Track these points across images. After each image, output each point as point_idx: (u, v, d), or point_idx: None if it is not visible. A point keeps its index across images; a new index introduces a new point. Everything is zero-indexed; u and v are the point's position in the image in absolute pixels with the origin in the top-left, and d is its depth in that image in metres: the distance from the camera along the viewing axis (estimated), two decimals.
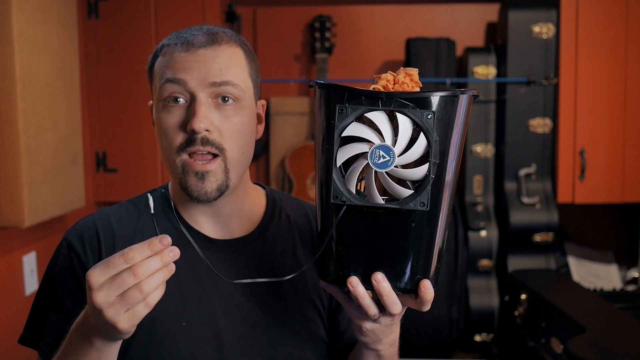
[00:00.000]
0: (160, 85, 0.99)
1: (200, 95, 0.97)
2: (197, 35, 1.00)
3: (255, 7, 3.13)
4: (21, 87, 1.97)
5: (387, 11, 3.14)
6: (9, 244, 2.10)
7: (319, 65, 3.01)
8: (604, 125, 2.68)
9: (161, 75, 1.00)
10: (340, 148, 0.83)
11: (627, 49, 2.65)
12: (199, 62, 0.98)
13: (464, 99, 0.85)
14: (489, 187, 2.88)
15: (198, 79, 0.97)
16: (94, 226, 1.05)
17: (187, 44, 0.99)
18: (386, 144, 0.81)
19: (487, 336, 2.79)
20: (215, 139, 0.97)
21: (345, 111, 0.82)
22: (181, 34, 1.02)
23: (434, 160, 0.81)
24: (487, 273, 2.81)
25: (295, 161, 3.04)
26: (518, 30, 2.72)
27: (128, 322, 0.79)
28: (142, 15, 2.64)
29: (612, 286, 2.74)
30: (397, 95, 0.81)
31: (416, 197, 0.81)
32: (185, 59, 0.98)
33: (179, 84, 0.97)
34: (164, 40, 1.04)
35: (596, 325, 1.97)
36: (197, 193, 0.98)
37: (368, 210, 0.83)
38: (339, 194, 0.83)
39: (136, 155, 2.67)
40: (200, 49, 0.98)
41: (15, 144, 1.96)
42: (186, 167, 0.98)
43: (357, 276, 0.86)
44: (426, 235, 0.86)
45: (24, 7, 1.99)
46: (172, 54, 1.00)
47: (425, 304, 0.88)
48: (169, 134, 0.98)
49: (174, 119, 0.98)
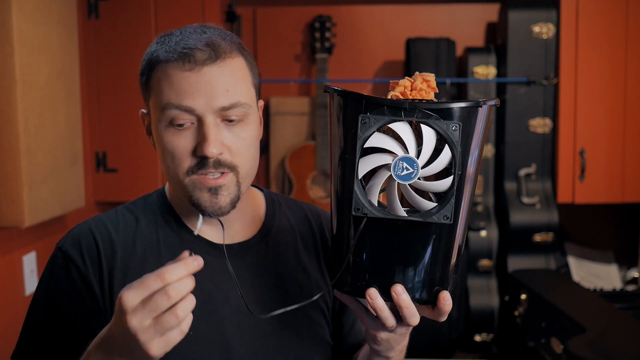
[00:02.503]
0: (162, 108, 0.94)
1: (208, 118, 0.93)
2: (196, 49, 0.93)
3: (255, 7, 3.13)
4: (21, 87, 1.97)
5: (387, 11, 3.14)
6: (9, 244, 2.11)
7: (319, 65, 3.01)
8: (604, 125, 2.68)
9: (162, 98, 0.94)
10: (362, 159, 0.80)
11: (627, 49, 2.65)
12: (204, 83, 0.92)
13: (485, 109, 0.83)
14: (489, 187, 2.88)
15: (206, 104, 0.92)
16: (91, 233, 1.01)
17: (188, 61, 0.92)
18: (410, 155, 0.79)
19: (487, 336, 2.79)
20: (227, 159, 0.95)
21: (368, 122, 0.79)
22: (179, 45, 0.94)
23: (458, 171, 0.80)
24: (487, 273, 2.81)
25: (295, 161, 3.04)
26: (518, 30, 2.72)
27: (161, 348, 0.76)
28: (142, 15, 2.64)
29: (612, 286, 2.74)
30: (420, 105, 0.79)
31: (440, 210, 0.80)
32: (189, 81, 0.92)
33: (185, 111, 0.92)
34: (158, 51, 0.96)
35: (596, 325, 1.97)
36: (211, 209, 0.95)
37: (388, 222, 0.82)
38: (360, 206, 0.81)
39: (136, 155, 2.67)
40: (204, 67, 0.92)
41: (15, 144, 1.96)
42: (197, 184, 0.94)
43: (375, 287, 0.85)
44: (445, 247, 0.84)
45: (24, 7, 1.99)
46: (172, 74, 0.93)
47: (443, 315, 0.87)
48: (176, 157, 0.94)
49: (182, 142, 0.94)
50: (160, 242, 1.02)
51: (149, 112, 1.01)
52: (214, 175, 0.94)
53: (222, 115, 0.94)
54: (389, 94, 0.88)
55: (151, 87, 0.97)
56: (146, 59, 0.99)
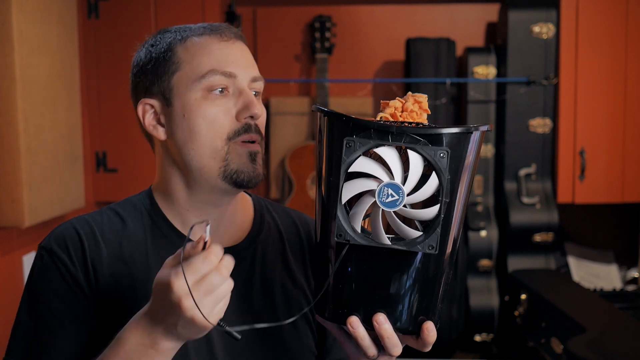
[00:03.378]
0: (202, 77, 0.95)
1: (247, 86, 0.98)
2: (224, 27, 1.00)
3: (255, 7, 3.13)
4: (21, 87, 1.97)
5: (387, 11, 3.14)
6: (9, 244, 2.11)
7: (319, 65, 3.01)
8: (604, 125, 2.68)
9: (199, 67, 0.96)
10: (346, 183, 0.78)
11: (627, 49, 2.65)
12: (239, 54, 0.98)
13: (477, 134, 0.79)
14: (489, 187, 2.88)
15: (245, 72, 0.97)
16: (75, 231, 0.98)
17: (223, 35, 0.98)
18: (395, 182, 0.76)
19: (487, 336, 2.79)
20: (261, 128, 0.99)
21: (353, 145, 0.77)
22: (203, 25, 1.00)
23: (445, 199, 0.77)
24: (487, 273, 2.81)
25: (295, 161, 3.04)
26: (518, 30, 2.72)
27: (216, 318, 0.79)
28: (142, 15, 2.64)
29: (612, 286, 2.74)
30: (408, 130, 0.77)
31: (425, 239, 0.77)
32: (227, 51, 0.97)
33: (229, 76, 0.96)
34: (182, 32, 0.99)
35: (596, 325, 1.97)
36: (251, 175, 0.96)
37: (371, 249, 0.79)
38: (343, 232, 0.78)
39: (136, 155, 2.67)
40: (237, 41, 0.99)
41: (15, 144, 1.96)
42: (239, 149, 0.95)
43: (357, 315, 0.82)
44: (431, 276, 0.82)
45: (24, 7, 1.99)
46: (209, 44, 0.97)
47: (427, 346, 0.85)
48: (219, 121, 0.95)
49: (224, 107, 0.96)
50: (148, 244, 1.00)
51: (163, 96, 0.98)
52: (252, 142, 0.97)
53: (252, 87, 0.99)
54: (379, 114, 0.85)
55: (179, 63, 0.97)
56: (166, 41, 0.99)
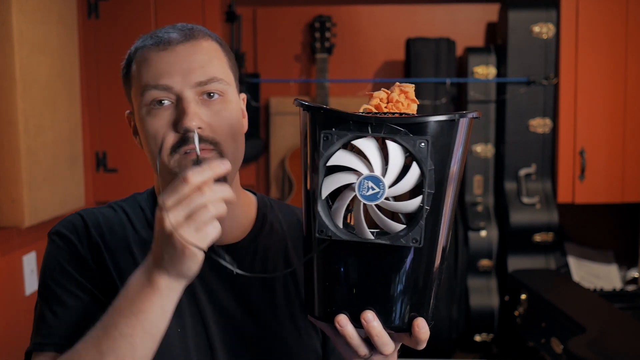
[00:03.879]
0: (142, 92, 0.95)
1: (186, 93, 0.94)
2: (171, 33, 0.97)
3: (255, 7, 3.13)
4: (21, 87, 1.97)
5: (387, 11, 3.14)
6: (9, 244, 2.11)
7: (319, 65, 3.01)
8: (604, 125, 2.68)
9: (141, 82, 0.96)
10: (326, 178, 0.76)
11: (627, 49, 2.65)
12: (179, 61, 0.94)
13: (465, 122, 0.77)
14: (489, 187, 2.88)
15: (182, 80, 0.94)
16: (81, 218, 1.01)
17: (162, 43, 0.95)
18: (375, 174, 0.73)
19: (487, 336, 2.79)
20: (209, 135, 0.94)
21: (331, 138, 0.75)
22: (155, 34, 0.98)
23: (429, 190, 0.74)
24: (487, 273, 2.81)
25: (295, 161, 3.05)
26: (518, 30, 2.72)
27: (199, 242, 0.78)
28: (142, 15, 2.64)
29: (612, 286, 2.74)
30: (388, 120, 0.74)
31: (409, 232, 0.74)
32: (165, 60, 0.94)
33: (164, 89, 0.94)
34: (136, 43, 1.00)
35: (596, 325, 1.97)
36: None
37: (356, 245, 0.77)
38: (324, 227, 0.76)
39: (136, 155, 2.67)
40: (178, 46, 0.95)
41: (15, 144, 1.96)
42: (182, 161, 0.94)
43: (345, 314, 0.80)
44: (422, 271, 0.80)
45: (24, 7, 1.99)
46: (148, 57, 0.96)
47: (420, 343, 0.82)
48: (159, 136, 0.94)
49: (162, 120, 0.94)
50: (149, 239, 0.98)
51: (132, 111, 1.01)
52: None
53: (200, 91, 0.95)
54: (363, 106, 0.83)
55: (131, 77, 0.99)
56: (126, 56, 1.02)
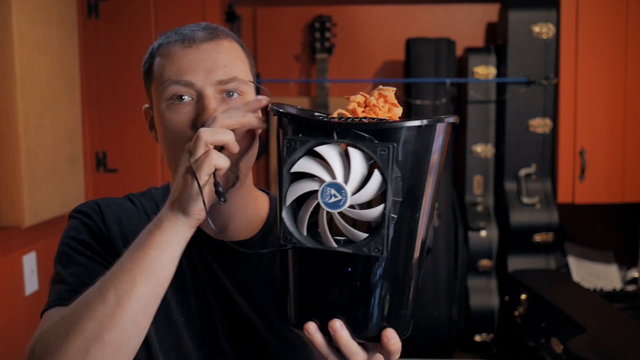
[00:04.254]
0: (163, 87, 0.96)
1: (207, 91, 0.95)
2: (196, 31, 0.98)
3: (255, 7, 3.13)
4: (21, 87, 1.97)
5: (387, 11, 3.14)
6: (9, 244, 2.10)
7: (319, 65, 3.01)
8: (604, 125, 2.68)
9: (163, 76, 0.97)
10: (292, 185, 0.75)
11: (627, 49, 2.65)
12: (203, 58, 0.96)
13: (441, 127, 0.74)
14: (489, 187, 2.88)
15: (204, 77, 0.95)
16: (97, 204, 1.05)
17: (188, 40, 0.97)
18: (337, 181, 0.72)
19: (487, 336, 2.79)
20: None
21: (294, 144, 0.74)
22: (179, 31, 0.99)
23: (395, 198, 0.72)
24: (487, 273, 2.81)
25: None
26: (518, 30, 2.72)
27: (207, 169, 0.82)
28: (142, 15, 2.64)
29: (612, 286, 2.74)
30: (352, 126, 0.73)
31: (371, 241, 0.72)
32: (189, 56, 0.96)
33: (185, 85, 0.95)
34: (160, 39, 1.01)
35: (596, 325, 1.97)
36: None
37: (323, 253, 0.75)
38: (288, 235, 0.75)
39: (136, 155, 2.67)
40: (202, 44, 0.97)
41: (15, 144, 1.96)
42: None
43: (315, 322, 0.78)
44: (394, 279, 0.77)
45: (24, 7, 1.99)
46: (172, 52, 0.97)
47: (391, 355, 0.79)
48: (178, 132, 0.95)
49: (182, 116, 0.95)
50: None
51: (151, 105, 1.02)
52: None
53: (221, 89, 0.96)
54: (337, 111, 0.82)
55: (153, 72, 1.00)
56: (148, 51, 1.03)
